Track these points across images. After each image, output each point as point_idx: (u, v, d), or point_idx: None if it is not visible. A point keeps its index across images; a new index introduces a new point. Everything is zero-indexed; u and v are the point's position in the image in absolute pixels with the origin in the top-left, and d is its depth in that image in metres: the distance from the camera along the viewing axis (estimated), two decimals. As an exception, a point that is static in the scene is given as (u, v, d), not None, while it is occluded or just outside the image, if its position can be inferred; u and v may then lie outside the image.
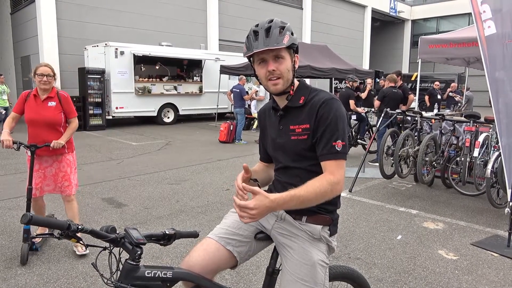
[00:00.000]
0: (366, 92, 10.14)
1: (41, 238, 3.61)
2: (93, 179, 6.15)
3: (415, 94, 9.10)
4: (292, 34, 1.55)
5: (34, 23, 14.09)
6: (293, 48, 1.57)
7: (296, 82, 1.64)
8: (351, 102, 8.62)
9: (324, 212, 1.61)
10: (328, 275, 1.62)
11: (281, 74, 1.53)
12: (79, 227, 1.28)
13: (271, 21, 1.55)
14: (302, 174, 1.57)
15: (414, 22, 31.71)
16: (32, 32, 14.35)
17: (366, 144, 8.56)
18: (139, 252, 1.37)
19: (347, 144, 1.54)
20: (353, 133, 8.76)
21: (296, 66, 1.60)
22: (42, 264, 3.27)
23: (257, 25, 1.56)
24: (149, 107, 13.62)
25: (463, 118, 5.96)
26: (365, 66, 25.90)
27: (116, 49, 12.62)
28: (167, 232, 1.50)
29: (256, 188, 1.38)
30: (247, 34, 1.57)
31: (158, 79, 14.13)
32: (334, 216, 1.65)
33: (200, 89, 14.80)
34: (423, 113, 6.39)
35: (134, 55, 12.90)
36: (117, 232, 1.36)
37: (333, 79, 15.46)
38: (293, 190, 1.41)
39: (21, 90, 16.10)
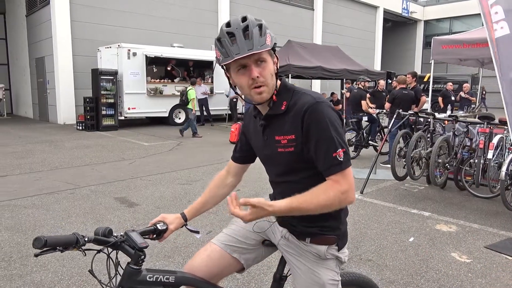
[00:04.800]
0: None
1: None
2: (106, 179, 6.22)
3: (428, 95, 9.02)
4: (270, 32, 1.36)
5: (48, 25, 14.31)
6: (274, 49, 1.38)
7: (278, 82, 1.44)
8: (363, 103, 8.58)
9: (328, 231, 1.48)
10: None
11: (265, 81, 1.34)
12: (86, 239, 1.24)
13: (245, 18, 1.33)
14: (296, 187, 1.38)
15: (426, 22, 31.38)
16: (47, 34, 14.57)
17: (377, 146, 8.50)
18: (142, 257, 1.33)
19: (348, 149, 1.38)
20: (364, 134, 8.71)
21: (278, 68, 1.42)
22: (57, 262, 3.32)
23: (228, 25, 1.33)
24: (160, 108, 13.73)
25: (477, 120, 5.88)
26: (377, 67, 25.71)
27: (129, 50, 12.75)
28: (158, 227, 1.48)
29: (255, 201, 1.24)
30: (218, 37, 1.33)
31: (169, 80, 14.23)
32: (340, 232, 1.51)
33: (211, 90, 14.87)
34: (436, 114, 6.33)
35: (146, 56, 13.02)
36: (115, 234, 1.32)
37: (344, 80, 15.37)
38: (295, 200, 1.29)
39: (35, 91, 16.36)
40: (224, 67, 1.38)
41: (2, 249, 3.56)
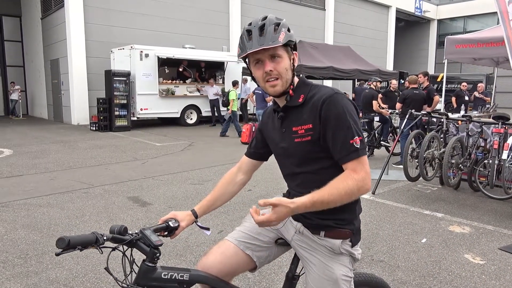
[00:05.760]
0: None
1: None
2: (119, 178, 6.30)
3: (441, 95, 8.92)
4: (288, 30, 1.43)
5: (63, 27, 14.54)
6: (290, 46, 1.45)
7: (296, 80, 1.53)
8: (374, 103, 8.53)
9: (343, 225, 1.50)
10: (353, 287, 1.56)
11: (279, 74, 1.43)
12: (105, 237, 1.26)
13: (265, 18, 1.44)
14: (313, 178, 1.46)
15: (440, 22, 31.00)
16: (61, 36, 14.81)
17: (389, 146, 8.44)
18: (157, 254, 1.34)
19: (364, 138, 1.43)
20: (376, 134, 8.65)
21: (295, 65, 1.49)
22: (71, 259, 3.38)
23: (250, 24, 1.44)
24: (172, 109, 13.83)
25: (491, 120, 5.80)
26: (389, 67, 25.50)
27: (141, 51, 12.88)
28: (170, 225, 1.49)
29: (275, 200, 1.29)
30: (241, 34, 1.45)
31: (181, 81, 14.33)
32: (354, 227, 1.53)
33: (223, 91, 14.93)
34: (449, 114, 6.26)
35: (158, 57, 13.14)
36: (129, 232, 1.33)
37: (356, 80, 15.30)
38: (316, 194, 1.33)
39: (50, 92, 16.63)
40: (247, 62, 1.48)
41: (19, 247, 3.64)
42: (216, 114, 14.34)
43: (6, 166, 7.15)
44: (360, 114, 10.50)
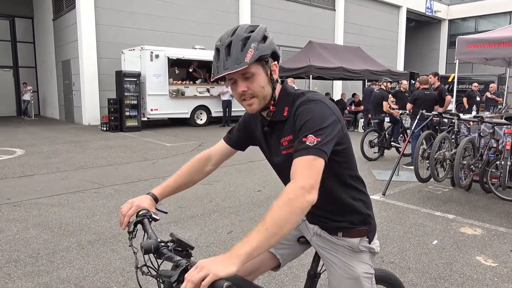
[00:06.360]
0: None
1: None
2: (130, 179, 6.35)
3: (452, 96, 8.82)
4: (263, 40, 1.30)
5: (74, 28, 14.71)
6: (264, 59, 1.31)
7: (278, 88, 1.41)
8: (385, 104, 8.48)
9: (359, 224, 1.50)
10: (374, 283, 1.56)
11: (254, 93, 1.33)
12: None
13: (234, 32, 1.30)
14: None
15: (451, 22, 30.66)
16: (73, 37, 14.98)
17: (400, 147, 8.37)
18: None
19: (328, 142, 1.24)
20: (387, 135, 8.59)
21: (275, 76, 1.37)
22: (82, 259, 3.41)
23: (220, 39, 1.32)
24: (182, 109, 13.90)
25: (503, 121, 5.72)
26: (400, 67, 25.29)
27: (152, 52, 12.97)
28: (155, 218, 1.48)
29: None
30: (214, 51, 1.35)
31: (191, 82, 14.39)
32: (370, 224, 1.53)
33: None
34: (461, 115, 6.18)
35: (168, 58, 13.21)
36: (162, 244, 1.27)
37: (366, 80, 15.20)
38: (250, 236, 1.09)
39: (62, 92, 16.83)
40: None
41: (30, 246, 3.69)
42: (227, 114, 14.34)
43: (18, 166, 7.25)
44: (369, 115, 10.45)
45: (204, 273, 1.02)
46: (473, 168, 5.54)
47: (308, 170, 1.19)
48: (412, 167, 6.07)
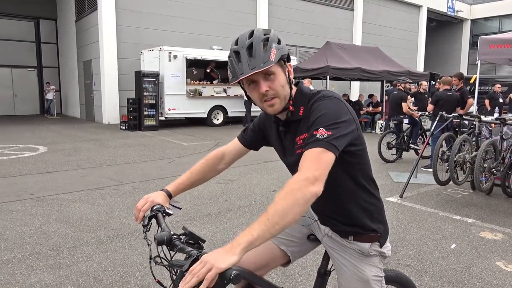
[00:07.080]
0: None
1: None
2: (148, 177, 6.45)
3: (474, 97, 8.64)
4: (279, 42, 1.33)
5: (95, 29, 15.02)
6: (283, 59, 1.35)
7: (294, 89, 1.44)
8: (404, 105, 8.37)
9: (370, 230, 1.49)
10: (384, 286, 1.56)
11: (276, 93, 1.35)
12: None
13: (252, 34, 1.33)
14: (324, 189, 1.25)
15: (473, 21, 30.01)
16: (94, 38, 15.29)
17: (418, 149, 8.25)
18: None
19: (340, 137, 1.24)
20: (405, 137, 8.48)
21: (291, 77, 1.40)
22: (101, 253, 3.49)
23: (237, 43, 1.34)
24: (199, 109, 14.02)
25: (527, 123, 5.58)
26: (420, 68, 24.88)
27: (170, 53, 13.12)
28: (169, 212, 1.52)
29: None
30: (228, 55, 1.36)
31: (208, 82, 14.50)
32: (382, 229, 1.52)
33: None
34: (482, 117, 6.05)
35: (186, 58, 13.35)
36: (175, 237, 1.31)
37: (384, 81, 15.02)
38: (251, 226, 1.16)
39: (83, 92, 17.20)
40: (241, 84, 1.40)
41: (52, 240, 3.79)
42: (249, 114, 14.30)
43: (41, 163, 7.45)
44: (385, 116, 10.32)
45: (208, 268, 1.06)
46: (495, 171, 5.42)
47: (314, 162, 1.20)
48: (431, 170, 5.98)
